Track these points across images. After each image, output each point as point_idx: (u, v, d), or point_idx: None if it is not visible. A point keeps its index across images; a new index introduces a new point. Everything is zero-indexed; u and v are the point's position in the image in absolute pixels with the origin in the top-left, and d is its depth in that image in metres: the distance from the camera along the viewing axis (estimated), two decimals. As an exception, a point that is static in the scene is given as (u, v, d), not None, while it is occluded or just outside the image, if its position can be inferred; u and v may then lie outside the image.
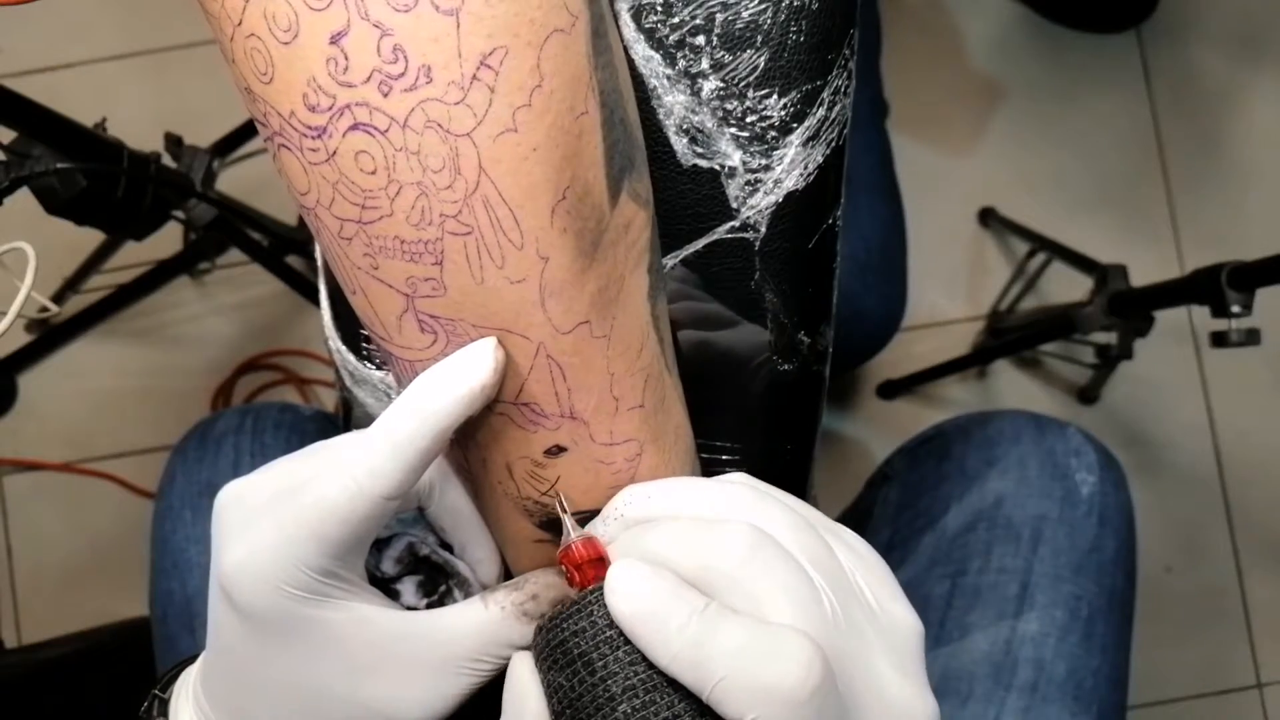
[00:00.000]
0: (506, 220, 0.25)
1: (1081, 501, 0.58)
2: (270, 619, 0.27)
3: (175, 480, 0.60)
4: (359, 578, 0.29)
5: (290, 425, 0.62)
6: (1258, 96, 1.26)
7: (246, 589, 0.27)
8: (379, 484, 0.26)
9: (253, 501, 0.28)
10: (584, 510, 0.30)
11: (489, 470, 0.30)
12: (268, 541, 0.27)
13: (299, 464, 0.29)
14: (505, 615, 0.28)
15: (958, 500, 0.59)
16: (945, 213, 1.23)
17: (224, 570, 0.27)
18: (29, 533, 1.23)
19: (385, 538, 0.33)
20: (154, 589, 0.60)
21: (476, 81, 0.23)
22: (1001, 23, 1.26)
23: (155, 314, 1.22)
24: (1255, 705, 1.20)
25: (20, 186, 0.65)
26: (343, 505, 0.26)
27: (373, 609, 0.28)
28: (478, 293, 0.26)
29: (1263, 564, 1.22)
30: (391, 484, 0.26)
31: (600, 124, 0.26)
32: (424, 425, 0.26)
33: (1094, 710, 0.53)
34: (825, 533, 0.29)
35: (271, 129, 0.25)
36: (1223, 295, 0.80)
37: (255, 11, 0.23)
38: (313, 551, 0.26)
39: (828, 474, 1.22)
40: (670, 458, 0.31)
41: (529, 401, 0.28)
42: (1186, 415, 1.23)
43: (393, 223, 0.25)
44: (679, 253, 0.36)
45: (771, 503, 0.28)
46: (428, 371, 0.27)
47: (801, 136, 0.35)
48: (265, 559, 0.27)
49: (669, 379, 0.32)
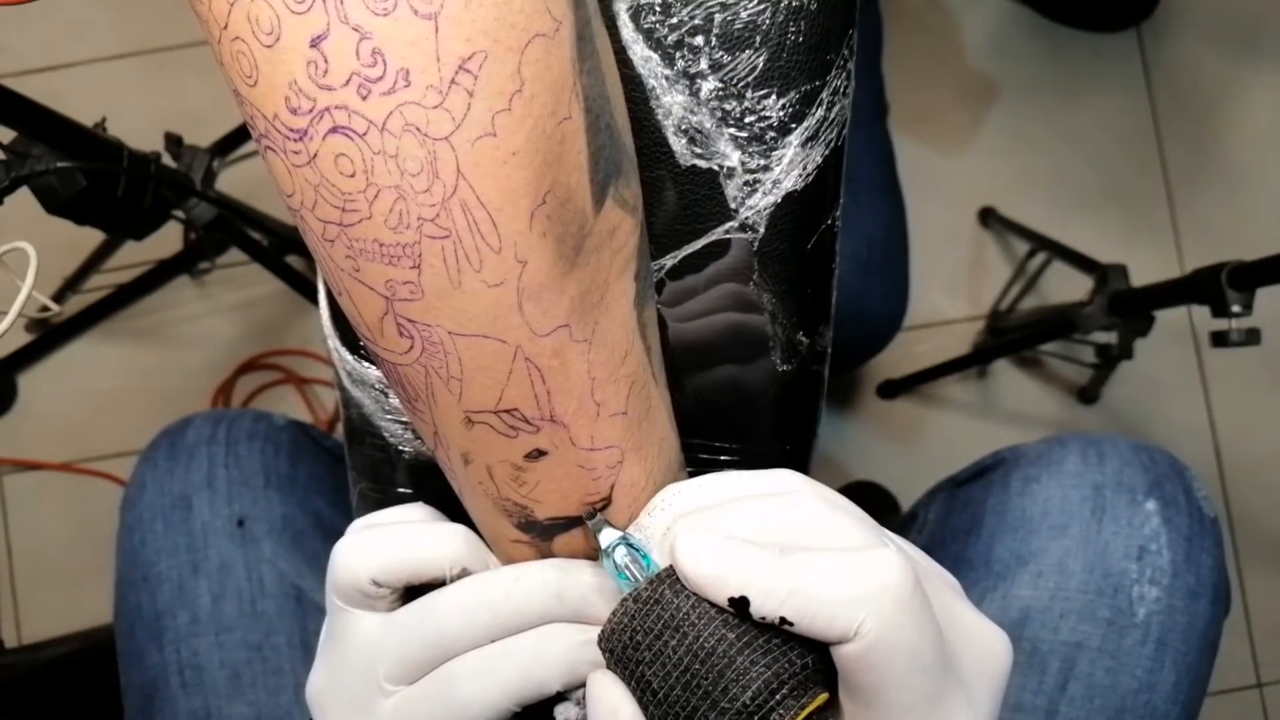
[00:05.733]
0: (485, 224, 0.25)
1: (1134, 626, 0.45)
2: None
3: (145, 490, 0.58)
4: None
5: (264, 436, 0.61)
6: (1258, 96, 1.26)
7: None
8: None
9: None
10: (561, 516, 0.30)
11: (469, 471, 0.30)
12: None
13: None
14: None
15: (976, 604, 0.47)
16: (945, 213, 1.23)
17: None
18: (29, 533, 1.23)
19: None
20: (121, 602, 0.57)
21: (455, 85, 0.23)
22: (1001, 22, 1.26)
23: (155, 314, 1.22)
24: (1255, 705, 1.20)
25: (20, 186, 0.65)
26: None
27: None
28: (454, 296, 0.25)
29: (1263, 564, 1.22)
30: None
31: (584, 129, 0.26)
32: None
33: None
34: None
35: (259, 131, 0.25)
36: (1223, 295, 0.80)
37: (239, 15, 0.23)
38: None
39: (828, 474, 1.22)
40: (653, 468, 0.31)
41: (509, 408, 0.28)
42: (1186, 415, 1.23)
43: (371, 225, 0.25)
44: (677, 253, 0.36)
45: (819, 484, 0.29)
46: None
47: (800, 137, 0.35)
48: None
49: (655, 389, 0.32)
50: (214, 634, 0.54)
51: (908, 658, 0.25)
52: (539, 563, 0.31)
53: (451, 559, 0.31)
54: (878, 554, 0.25)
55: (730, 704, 0.25)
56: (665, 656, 0.26)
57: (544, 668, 0.29)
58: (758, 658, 0.25)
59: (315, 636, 0.55)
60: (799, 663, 0.25)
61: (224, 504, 0.57)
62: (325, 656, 0.33)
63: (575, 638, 0.29)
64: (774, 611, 0.25)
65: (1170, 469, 0.50)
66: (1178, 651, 0.45)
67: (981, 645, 0.28)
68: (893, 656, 0.25)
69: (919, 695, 0.25)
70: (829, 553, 0.26)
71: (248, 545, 0.56)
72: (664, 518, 0.30)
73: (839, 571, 0.25)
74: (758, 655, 0.25)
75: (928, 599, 0.26)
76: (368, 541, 0.31)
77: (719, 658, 0.25)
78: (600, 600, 0.30)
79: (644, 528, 0.30)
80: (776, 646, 0.25)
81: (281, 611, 0.56)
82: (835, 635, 0.25)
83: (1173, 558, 0.46)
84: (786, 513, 0.27)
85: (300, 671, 0.55)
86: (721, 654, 0.25)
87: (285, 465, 0.60)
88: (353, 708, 0.31)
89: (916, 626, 0.25)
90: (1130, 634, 0.46)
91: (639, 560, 0.29)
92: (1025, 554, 0.49)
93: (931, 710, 0.25)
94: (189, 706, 0.53)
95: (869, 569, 0.25)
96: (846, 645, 0.25)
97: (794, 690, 0.25)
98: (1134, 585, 0.46)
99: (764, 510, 0.27)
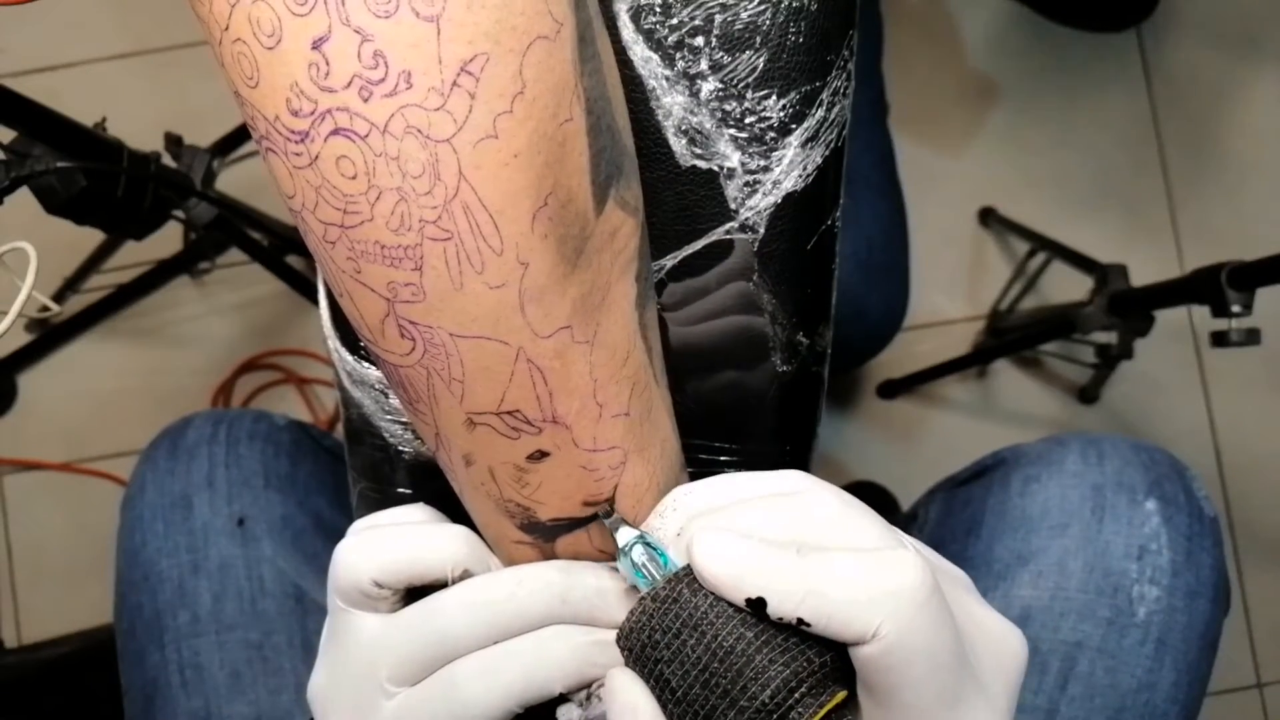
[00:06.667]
0: (486, 226, 0.25)
1: (1135, 626, 0.46)
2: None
3: (145, 489, 0.58)
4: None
5: (265, 436, 0.61)
6: (1258, 95, 1.26)
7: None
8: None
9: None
10: (563, 518, 0.30)
11: (471, 472, 0.30)
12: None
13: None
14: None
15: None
16: (945, 213, 1.24)
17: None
18: (29, 533, 1.23)
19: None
20: (121, 601, 0.57)
21: (457, 88, 0.23)
22: (1001, 22, 1.26)
23: (155, 314, 1.22)
24: (1255, 705, 1.20)
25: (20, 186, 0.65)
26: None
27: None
28: (456, 298, 0.25)
29: (1263, 564, 1.22)
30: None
31: (585, 131, 0.26)
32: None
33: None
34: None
35: (260, 133, 0.25)
36: (1223, 295, 0.80)
37: (241, 16, 0.23)
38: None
39: (828, 474, 1.22)
40: (656, 469, 0.31)
41: (511, 409, 0.28)
42: (1186, 415, 1.23)
43: (373, 228, 0.25)
44: (677, 254, 0.36)
45: (828, 484, 0.29)
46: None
47: (800, 138, 0.35)
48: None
49: (657, 390, 0.32)
50: (214, 633, 0.54)
51: (925, 659, 0.25)
52: (541, 564, 0.31)
53: (453, 560, 0.31)
54: (895, 555, 0.25)
55: (749, 703, 0.25)
56: (684, 655, 0.26)
57: (547, 669, 0.29)
58: (776, 656, 0.25)
59: (316, 636, 0.55)
60: (817, 661, 0.25)
61: (224, 503, 0.57)
62: (327, 657, 0.33)
63: (578, 639, 0.29)
64: (791, 612, 0.25)
65: (1170, 469, 0.50)
66: (1177, 651, 0.45)
67: (997, 643, 0.28)
68: (910, 658, 0.25)
69: (937, 696, 0.25)
70: (846, 553, 0.26)
71: (248, 545, 0.56)
72: (677, 519, 0.30)
73: (856, 573, 0.25)
74: (776, 654, 0.25)
75: (945, 600, 0.26)
76: (369, 543, 0.31)
77: (737, 657, 0.25)
78: (603, 602, 0.30)
79: (656, 529, 0.30)
80: (795, 645, 0.25)
81: (282, 611, 0.56)
82: (852, 637, 0.25)
83: (1173, 557, 0.46)
84: (803, 512, 0.27)
85: (301, 671, 0.55)
86: (740, 653, 0.25)
87: (285, 465, 0.60)
88: (355, 708, 0.31)
89: (934, 628, 0.25)
90: (1130, 633, 0.46)
91: (656, 559, 0.29)
92: (1025, 554, 0.49)
93: (950, 710, 0.26)
94: (189, 706, 0.53)
95: (886, 570, 0.25)
96: (864, 647, 0.25)
97: (812, 689, 0.25)
98: (1134, 585, 0.46)
99: (780, 509, 0.27)
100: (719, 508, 0.29)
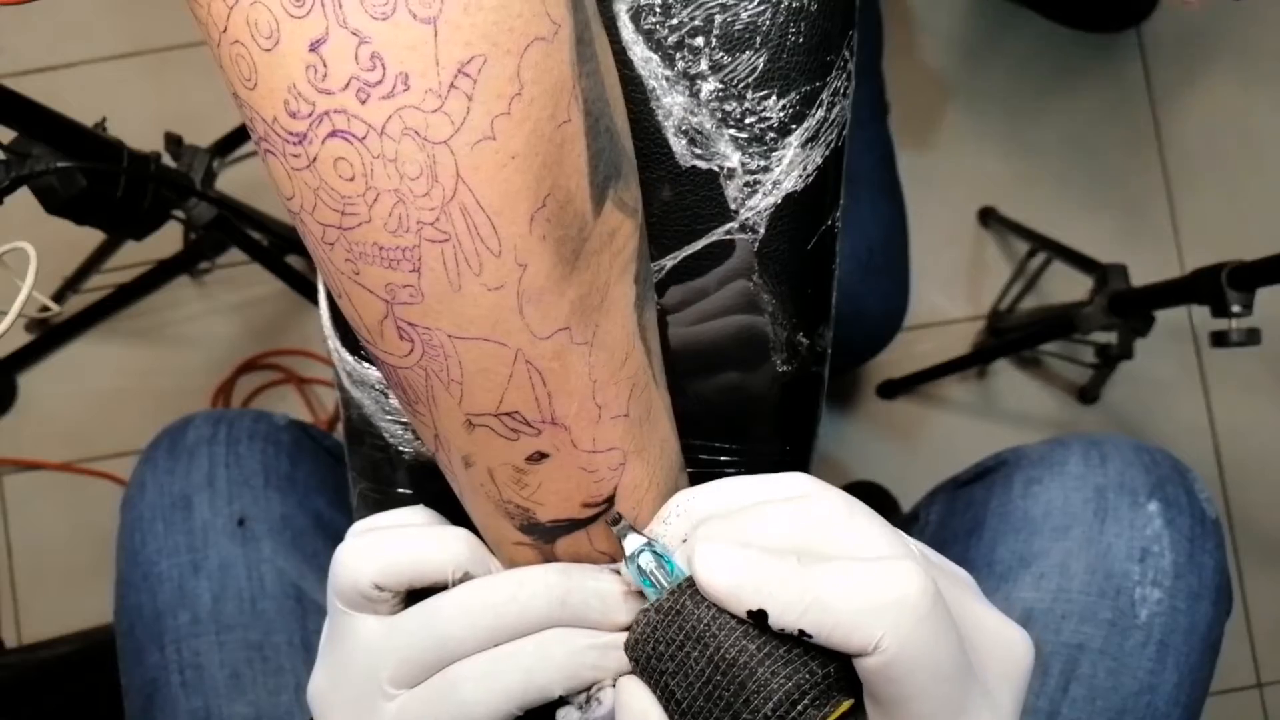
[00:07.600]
0: (484, 227, 0.25)
1: (1136, 628, 0.46)
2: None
3: (145, 490, 0.58)
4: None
5: (265, 435, 0.61)
6: (1258, 96, 1.26)
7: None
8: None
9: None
10: (563, 519, 0.30)
11: (471, 473, 0.30)
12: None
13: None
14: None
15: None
16: (945, 213, 1.24)
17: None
18: (29, 533, 1.23)
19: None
20: (121, 601, 0.57)
21: (454, 89, 0.23)
22: (1002, 23, 1.26)
23: (155, 314, 1.22)
24: (1255, 705, 1.20)
25: (20, 186, 0.65)
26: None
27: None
28: (454, 299, 0.25)
29: (1263, 564, 1.22)
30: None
31: (584, 132, 0.26)
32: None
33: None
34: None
35: (258, 134, 0.25)
36: (1223, 295, 0.80)
37: (239, 18, 0.23)
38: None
39: (828, 474, 1.22)
40: (655, 470, 0.31)
41: (510, 410, 0.28)
42: (1186, 415, 1.23)
43: (371, 229, 0.25)
44: (677, 254, 0.36)
45: (831, 487, 0.29)
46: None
47: (800, 138, 0.35)
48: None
49: (656, 391, 0.32)
50: (214, 633, 0.54)
51: (928, 670, 0.25)
52: (542, 567, 0.31)
53: (454, 562, 0.31)
54: (897, 565, 0.25)
55: (752, 715, 0.25)
56: (688, 667, 0.26)
57: (547, 672, 0.29)
58: (778, 669, 0.25)
59: (315, 636, 0.55)
60: (820, 672, 0.25)
61: (224, 503, 0.57)
62: (327, 658, 0.33)
63: (578, 642, 0.29)
64: (792, 624, 0.25)
65: (1172, 470, 0.50)
66: (1179, 653, 0.45)
67: (1002, 647, 0.28)
68: (913, 670, 0.24)
69: (941, 705, 0.25)
70: (848, 563, 0.25)
71: (248, 545, 0.57)
72: (681, 524, 0.29)
73: (857, 584, 0.25)
74: (778, 666, 0.25)
75: (948, 608, 0.25)
76: (369, 545, 0.31)
77: (740, 669, 0.25)
78: (603, 605, 0.30)
79: (660, 535, 0.30)
80: (798, 656, 0.25)
81: (282, 611, 0.56)
82: (854, 648, 0.25)
83: (1175, 559, 0.46)
84: (807, 517, 0.27)
85: (300, 671, 0.55)
86: (742, 665, 0.25)
87: (285, 465, 0.60)
88: (355, 710, 0.31)
89: (936, 639, 0.25)
90: (1132, 635, 0.45)
91: (664, 566, 0.29)
92: (1027, 555, 0.49)
93: (955, 718, 0.25)
94: (189, 706, 0.53)
95: (887, 581, 0.25)
96: (866, 658, 0.25)
97: (815, 700, 0.25)
98: (1136, 587, 0.46)
99: (784, 515, 0.27)
100: (723, 513, 0.29)
